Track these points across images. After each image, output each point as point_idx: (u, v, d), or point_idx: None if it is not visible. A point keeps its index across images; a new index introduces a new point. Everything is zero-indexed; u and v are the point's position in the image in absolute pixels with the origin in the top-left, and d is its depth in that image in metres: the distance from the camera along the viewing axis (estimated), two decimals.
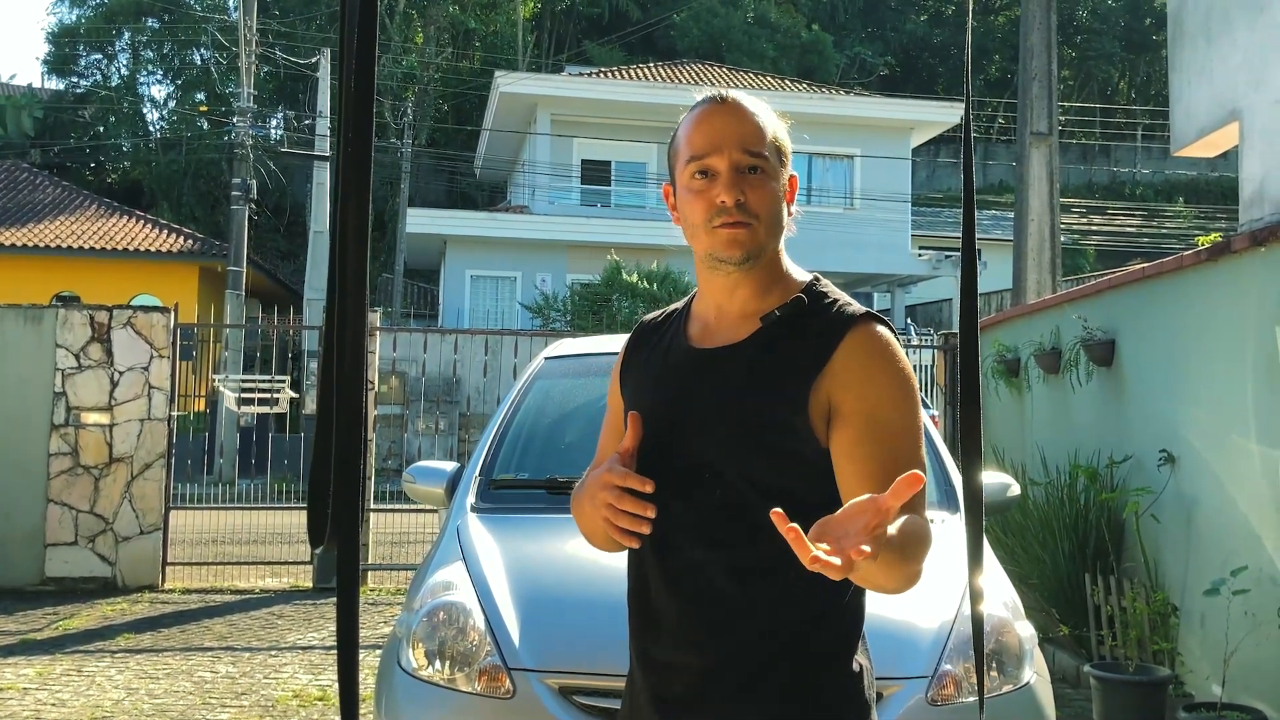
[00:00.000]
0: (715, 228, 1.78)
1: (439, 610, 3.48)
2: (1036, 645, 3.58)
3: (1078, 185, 41.09)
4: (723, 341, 1.84)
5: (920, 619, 3.37)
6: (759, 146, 1.80)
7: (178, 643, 7.50)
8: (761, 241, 1.80)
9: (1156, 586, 5.96)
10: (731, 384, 1.79)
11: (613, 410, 2.02)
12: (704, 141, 1.80)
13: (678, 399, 1.83)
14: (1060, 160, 11.12)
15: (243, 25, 21.14)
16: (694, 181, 1.81)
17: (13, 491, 9.17)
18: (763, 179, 1.80)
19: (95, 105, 38.85)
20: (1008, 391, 8.67)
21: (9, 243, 24.15)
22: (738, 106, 1.83)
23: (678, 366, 1.88)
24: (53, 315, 9.39)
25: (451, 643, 3.39)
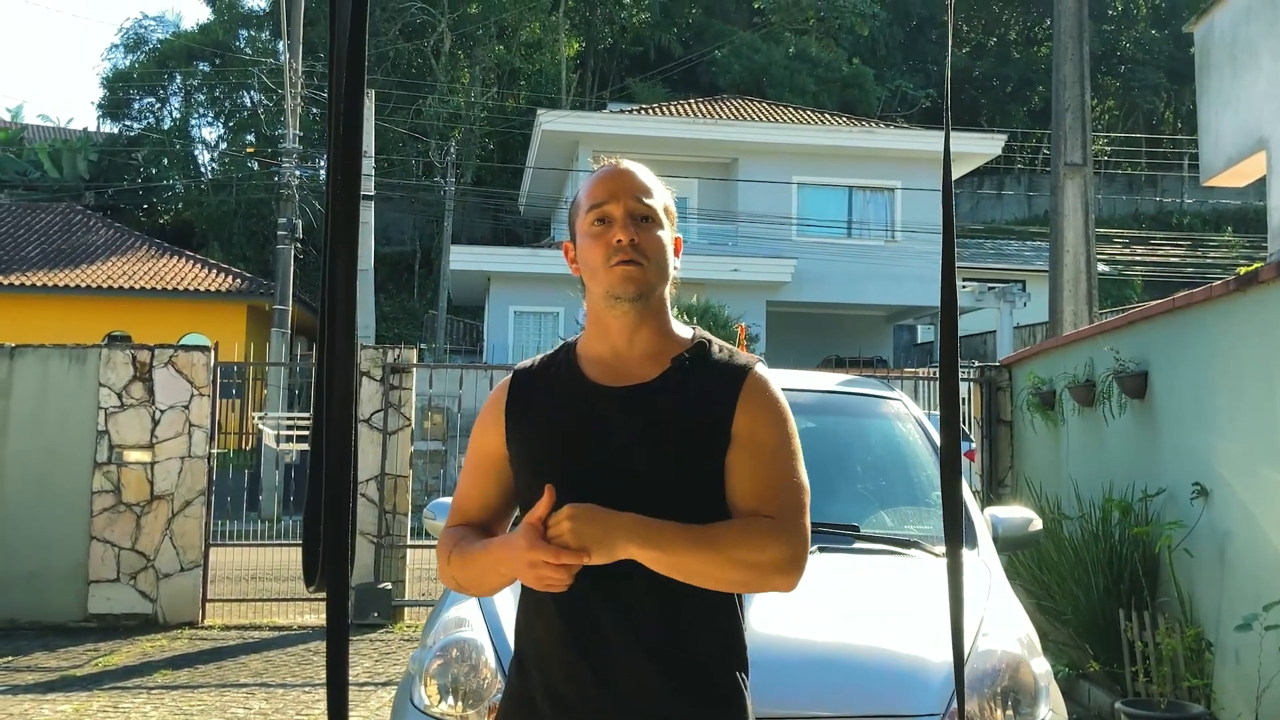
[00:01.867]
0: (612, 266, 1.99)
1: (452, 647, 3.50)
2: (1053, 682, 3.53)
3: (1124, 215, 40.73)
4: (635, 380, 2.03)
5: (932, 654, 3.33)
6: (649, 199, 2.05)
7: (214, 679, 7.55)
8: (652, 281, 2.01)
9: (1190, 622, 5.86)
10: (661, 415, 1.98)
11: (485, 453, 2.12)
12: (603, 192, 2.04)
13: (602, 430, 1.98)
14: (1106, 190, 11.05)
15: (288, 68, 21.49)
16: (593, 228, 2.03)
17: (57, 528, 9.30)
18: (652, 227, 2.03)
19: (148, 148, 39.55)
20: (1043, 424, 8.59)
21: (64, 284, 24.58)
22: (630, 169, 2.08)
23: (591, 403, 2.02)
24: (96, 355, 9.55)
25: (463, 679, 3.40)
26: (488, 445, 2.10)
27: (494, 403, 2.13)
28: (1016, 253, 34.16)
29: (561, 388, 2.06)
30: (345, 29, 1.98)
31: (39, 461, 9.37)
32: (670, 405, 1.98)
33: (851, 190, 26.27)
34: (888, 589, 3.79)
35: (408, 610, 9.77)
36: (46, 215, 28.90)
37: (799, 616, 3.35)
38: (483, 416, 2.14)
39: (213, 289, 25.41)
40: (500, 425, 2.08)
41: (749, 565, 1.89)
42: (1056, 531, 6.91)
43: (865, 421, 4.76)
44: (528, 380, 2.12)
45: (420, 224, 37.04)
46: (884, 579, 3.85)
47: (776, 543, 1.90)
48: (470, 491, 2.13)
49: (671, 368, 2.02)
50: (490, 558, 1.95)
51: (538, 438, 2.02)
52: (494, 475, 2.09)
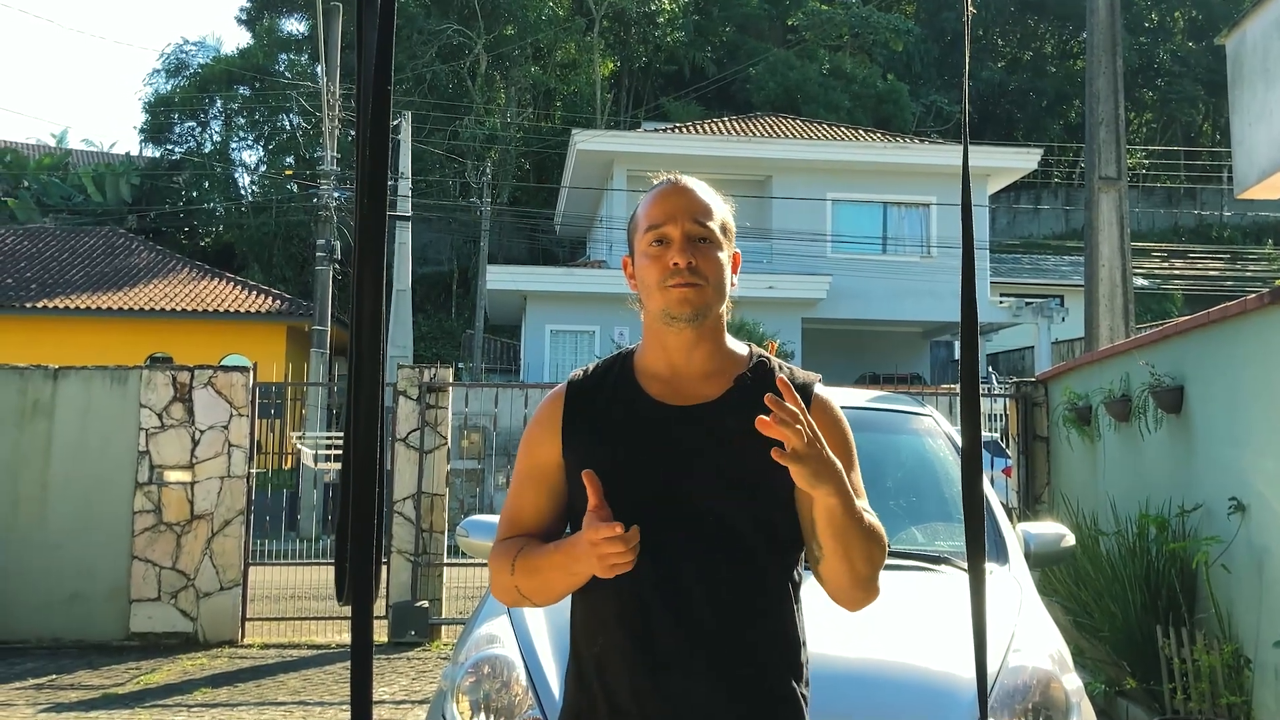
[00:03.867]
0: (668, 287, 2.00)
1: (483, 664, 3.52)
2: (1085, 699, 3.51)
3: (1163, 229, 40.41)
4: (695, 399, 2.04)
5: (961, 670, 3.32)
6: (708, 219, 2.06)
7: (253, 697, 7.62)
8: (709, 301, 2.02)
9: (1228, 638, 5.80)
10: (727, 435, 1.98)
11: (539, 464, 2.11)
12: (660, 214, 2.05)
13: (669, 452, 1.99)
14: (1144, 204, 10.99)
15: (325, 91, 21.71)
16: (651, 248, 2.04)
17: (99, 548, 9.42)
18: (710, 248, 2.04)
19: (189, 171, 40.04)
20: (1079, 440, 8.54)
21: (106, 306, 24.91)
22: (689, 188, 2.09)
23: (654, 421, 2.02)
24: (137, 376, 9.67)
25: (494, 696, 3.42)
26: (541, 456, 2.10)
27: (548, 413, 2.12)
28: (1054, 267, 33.98)
29: (621, 402, 2.07)
30: (372, 52, 2.04)
31: (81, 482, 9.50)
32: (736, 426, 1.96)
33: (886, 206, 26.22)
34: (917, 605, 3.78)
35: (445, 628, 9.81)
36: (90, 239, 29.32)
37: (828, 632, 3.35)
38: (535, 427, 2.13)
39: (252, 310, 25.67)
40: (556, 436, 2.08)
41: (875, 565, 1.96)
42: (1093, 548, 6.86)
43: (896, 438, 4.75)
44: (584, 391, 2.12)
45: (457, 244, 37.25)
46: (913, 595, 3.85)
47: (886, 550, 1.98)
48: (522, 503, 2.12)
49: (734, 387, 2.04)
50: (562, 556, 1.95)
51: (598, 452, 2.01)
52: (547, 486, 2.09)
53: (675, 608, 1.94)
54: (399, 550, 9.68)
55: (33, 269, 26.75)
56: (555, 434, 2.09)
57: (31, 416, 9.57)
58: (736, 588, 1.95)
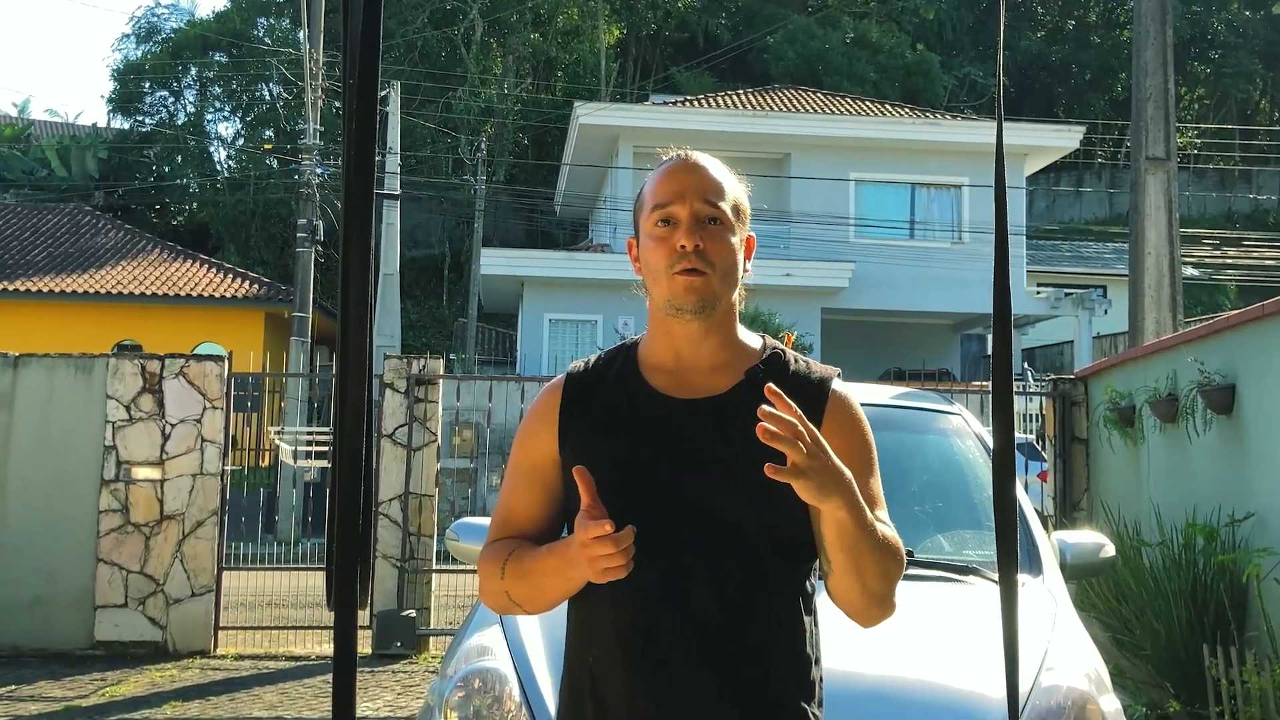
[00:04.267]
0: (675, 274, 1.99)
1: (474, 677, 3.52)
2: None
3: (1215, 215, 40.35)
4: (702, 392, 2.04)
5: (988, 689, 3.33)
6: (719, 199, 2.04)
7: (226, 712, 7.64)
8: (716, 291, 2.01)
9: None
10: (733, 434, 1.96)
11: (534, 460, 2.11)
12: (667, 192, 2.03)
13: (672, 447, 2.00)
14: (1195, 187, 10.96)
15: (308, 59, 21.72)
16: (656, 229, 2.03)
17: (61, 551, 9.42)
18: (721, 230, 2.03)
19: (161, 144, 40.08)
20: (1122, 442, 8.54)
21: (71, 289, 24.96)
22: (700, 165, 2.07)
23: (657, 414, 2.02)
24: (103, 365, 9.69)
25: (485, 712, 3.43)
26: (537, 452, 2.10)
27: (545, 406, 2.12)
28: (1096, 255, 33.92)
29: (623, 394, 2.06)
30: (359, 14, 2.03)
31: (43, 479, 9.52)
32: (746, 422, 1.91)
33: (914, 188, 26.19)
34: (942, 618, 3.79)
35: (433, 639, 9.83)
36: (54, 216, 29.38)
37: (845, 647, 3.35)
38: (531, 420, 2.13)
39: (228, 295, 25.70)
40: (553, 431, 2.08)
41: (890, 580, 1.95)
42: (1135, 559, 6.87)
43: (922, 438, 4.75)
44: (583, 383, 2.12)
45: (450, 225, 37.31)
46: (939, 607, 3.85)
47: (903, 564, 1.97)
48: (516, 501, 2.12)
49: (744, 380, 2.03)
50: (555, 560, 1.94)
51: (597, 446, 2.01)
52: (543, 484, 2.09)
53: (676, 611, 1.94)
54: (384, 555, 9.69)
55: None
56: (552, 428, 2.09)
57: None
58: (742, 592, 1.95)
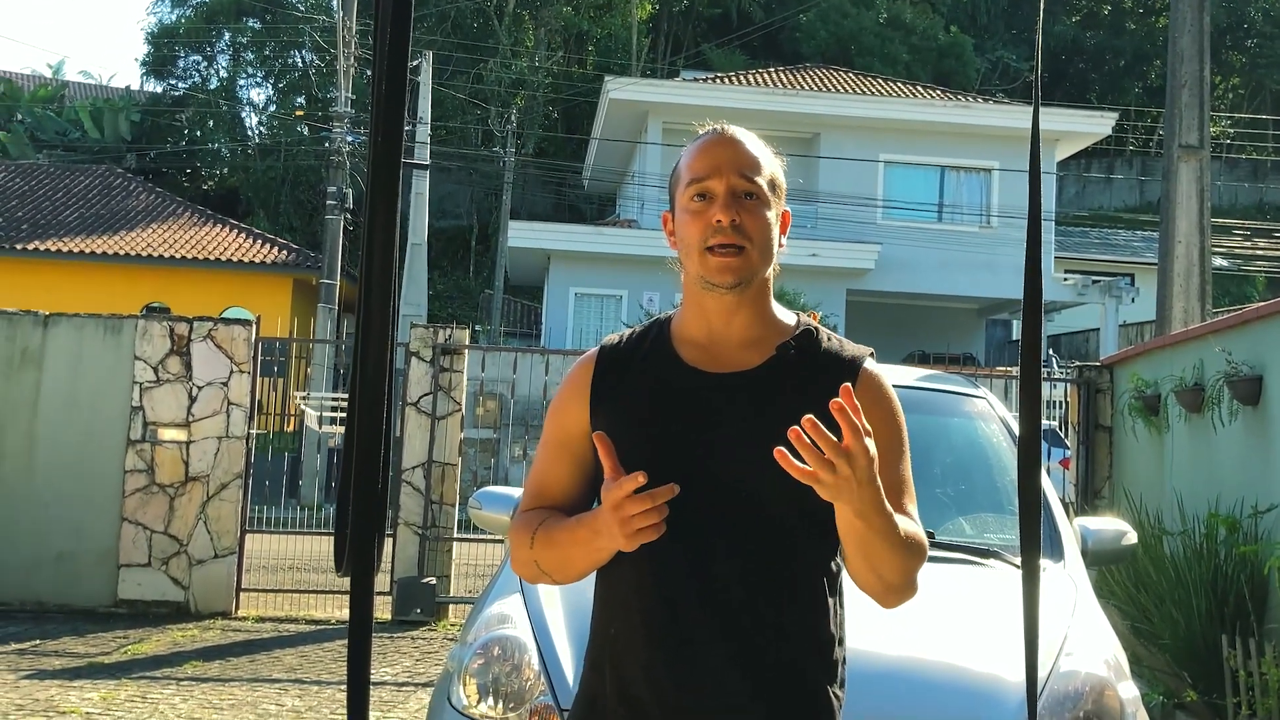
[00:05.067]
0: (709, 249, 1.98)
1: (493, 645, 3.54)
2: (1142, 709, 3.50)
3: (1247, 205, 39.95)
4: (732, 367, 2.03)
5: (1007, 672, 3.32)
6: (755, 174, 2.03)
7: (246, 673, 7.70)
8: (753, 266, 2.01)
9: None
10: (764, 410, 1.97)
11: (566, 432, 2.11)
12: (704, 166, 2.02)
13: (702, 421, 1.99)
14: (1227, 177, 10.86)
15: (341, 27, 21.73)
16: (692, 204, 2.02)
17: (87, 509, 9.51)
18: (757, 205, 2.02)
19: (193, 109, 40.17)
20: (1146, 431, 8.49)
21: (100, 250, 25.08)
22: (737, 139, 2.07)
23: (688, 388, 2.02)
24: (132, 326, 9.73)
25: (505, 680, 3.44)
26: (569, 423, 2.10)
27: (578, 378, 2.12)
28: (1125, 243, 33.69)
29: (654, 368, 2.06)
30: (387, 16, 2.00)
31: (71, 437, 9.58)
32: (776, 397, 1.97)
33: (944, 171, 26.03)
34: (963, 601, 3.78)
35: (452, 607, 9.87)
36: (86, 178, 29.50)
37: (865, 627, 3.35)
38: (564, 392, 2.13)
39: (257, 260, 25.79)
40: (584, 402, 2.08)
41: (908, 573, 1.94)
42: (1156, 548, 6.83)
43: (946, 420, 4.73)
44: (616, 357, 2.11)
45: (478, 197, 37.28)
46: (960, 590, 3.84)
47: (924, 555, 1.95)
48: (548, 472, 2.12)
49: (776, 356, 2.02)
50: (584, 530, 1.93)
51: (627, 419, 2.00)
52: (574, 455, 2.09)
53: (700, 587, 1.94)
54: (406, 523, 9.73)
55: (24, 208, 26.95)
56: (584, 400, 2.09)
57: (20, 365, 9.65)
58: (766, 569, 1.94)
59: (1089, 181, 40.45)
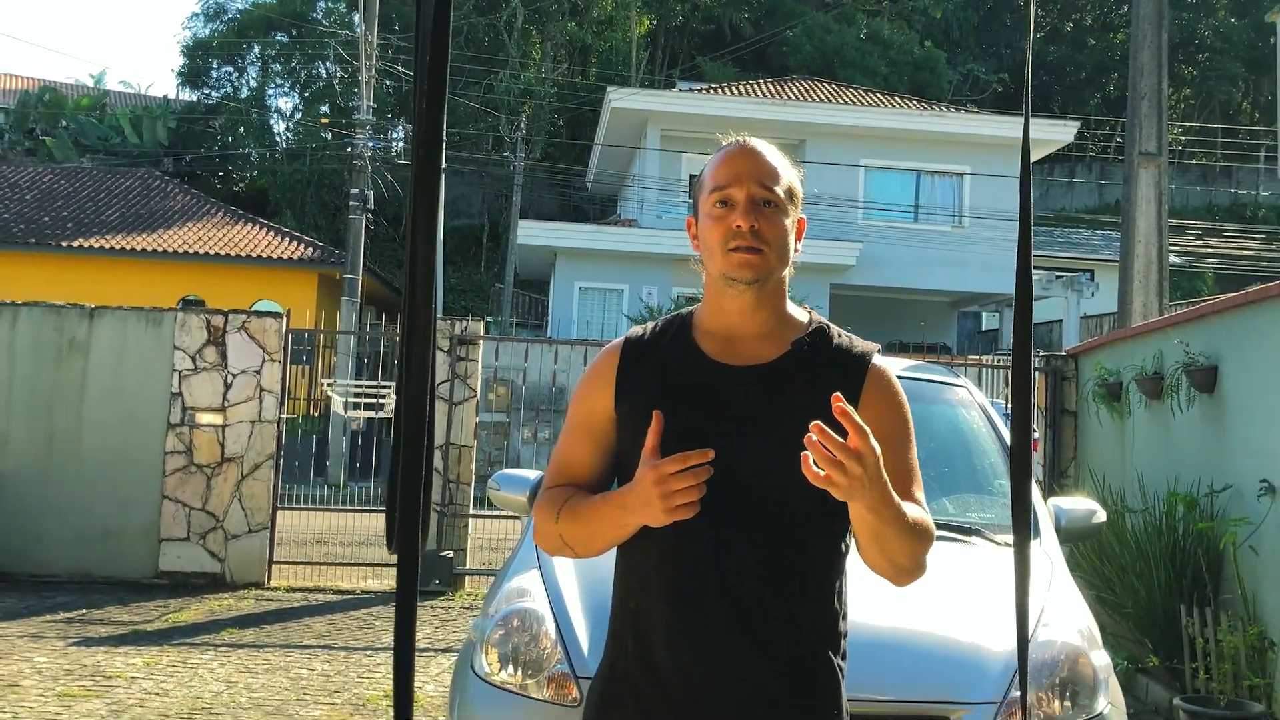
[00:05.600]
0: (730, 250, 1.99)
1: (513, 617, 3.53)
2: (1113, 675, 3.50)
3: (1197, 206, 39.90)
4: (751, 360, 2.02)
5: (991, 643, 3.31)
6: (774, 184, 2.04)
7: (278, 639, 7.69)
8: (771, 266, 2.02)
9: (1253, 620, 5.76)
10: (779, 400, 1.97)
11: (591, 416, 2.09)
12: (726, 175, 2.03)
13: (721, 411, 1.97)
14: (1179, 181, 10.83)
15: (363, 40, 21.64)
16: (715, 210, 2.03)
17: (130, 486, 9.50)
18: (775, 212, 2.02)
19: (225, 116, 40.06)
20: (1109, 416, 8.48)
21: (140, 247, 24.98)
22: (757, 150, 2.07)
23: (707, 380, 2.01)
24: (171, 318, 9.71)
25: (523, 649, 3.43)
26: (595, 407, 2.08)
27: (604, 365, 2.11)
28: (1086, 241, 33.66)
29: (676, 358, 2.05)
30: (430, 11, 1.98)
31: (115, 421, 9.57)
32: (790, 389, 1.98)
33: (920, 175, 26.00)
34: (948, 576, 3.76)
35: (468, 579, 9.87)
36: (126, 180, 29.38)
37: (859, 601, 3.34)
38: (589, 379, 2.12)
39: (285, 257, 25.69)
40: (610, 388, 2.06)
41: (917, 555, 1.93)
42: (1119, 524, 6.82)
43: (929, 407, 4.71)
44: (640, 347, 2.10)
45: (489, 198, 37.22)
46: (944, 566, 3.81)
47: (931, 539, 1.96)
48: (572, 453, 2.10)
49: (790, 350, 2.02)
50: (611, 508, 1.92)
51: (650, 404, 1.97)
52: (598, 438, 2.07)
53: (719, 567, 1.92)
54: None
55: (69, 208, 26.84)
56: (609, 387, 2.07)
57: (68, 355, 9.63)
58: (781, 552, 1.93)
59: (1052, 185, 40.41)
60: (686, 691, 1.92)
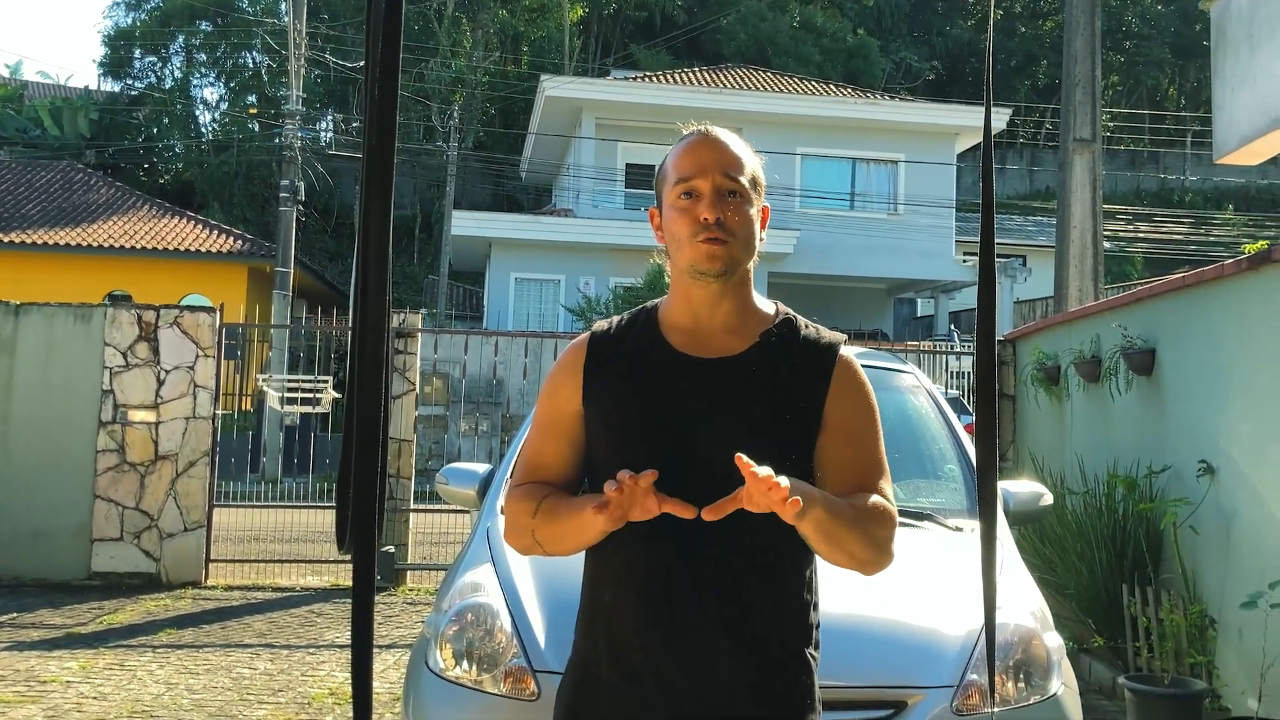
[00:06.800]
0: (698, 242, 1.96)
1: (467, 611, 3.50)
2: (1065, 656, 3.54)
3: (1126, 192, 40.64)
4: (718, 352, 2.01)
5: (947, 627, 3.34)
6: (738, 173, 2.01)
7: (218, 639, 7.58)
8: (737, 257, 1.99)
9: (1194, 599, 5.88)
10: (748, 390, 1.97)
11: (559, 412, 2.08)
12: (691, 166, 2.01)
13: (688, 403, 1.96)
14: (1108, 166, 11.00)
15: (292, 29, 21.35)
16: (680, 201, 2.00)
17: (61, 487, 9.31)
18: (740, 202, 2.00)
19: (149, 107, 39.34)
20: (1047, 400, 8.60)
21: (64, 242, 24.49)
22: (721, 139, 2.05)
23: (675, 372, 1.99)
24: (101, 314, 9.53)
25: (479, 644, 3.41)
26: (562, 404, 2.07)
27: (570, 361, 2.09)
28: (1019, 227, 34.16)
29: (643, 352, 2.03)
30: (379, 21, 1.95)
31: (44, 420, 9.37)
32: (757, 381, 1.97)
33: (855, 162, 26.22)
34: (902, 561, 3.78)
35: (410, 574, 9.80)
36: (47, 173, 28.77)
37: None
38: (556, 375, 2.11)
39: (214, 250, 25.31)
40: (577, 384, 2.05)
41: (879, 543, 1.95)
42: (1060, 506, 6.90)
43: (879, 394, 4.72)
44: (606, 341, 2.08)
45: (421, 188, 36.92)
46: (898, 551, 3.85)
47: (893, 523, 1.98)
48: (541, 450, 2.09)
49: (758, 342, 2.01)
50: (578, 516, 1.91)
51: (617, 400, 1.99)
52: (566, 434, 2.06)
53: (688, 561, 1.91)
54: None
55: None
56: (576, 383, 2.06)
57: None
58: (751, 543, 1.92)
59: None
60: (661, 688, 1.92)
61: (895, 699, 3.21)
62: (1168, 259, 31.59)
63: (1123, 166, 42.31)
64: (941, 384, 12.58)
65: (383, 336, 1.88)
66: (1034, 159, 42.81)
